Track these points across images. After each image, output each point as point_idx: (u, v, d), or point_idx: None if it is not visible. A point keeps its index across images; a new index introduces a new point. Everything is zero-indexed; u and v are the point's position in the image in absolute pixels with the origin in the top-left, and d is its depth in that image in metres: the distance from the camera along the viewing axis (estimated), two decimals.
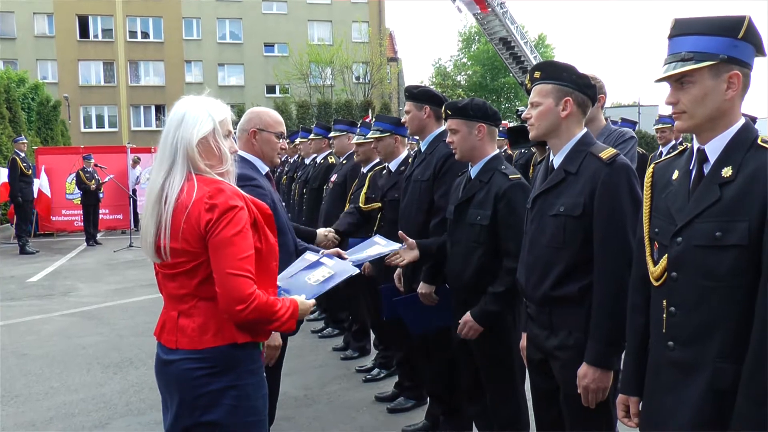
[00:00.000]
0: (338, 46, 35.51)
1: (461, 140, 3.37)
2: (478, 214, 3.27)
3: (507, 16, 31.19)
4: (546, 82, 2.72)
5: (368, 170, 5.19)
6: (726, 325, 1.85)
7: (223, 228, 2.14)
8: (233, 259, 2.14)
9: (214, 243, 2.15)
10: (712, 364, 1.86)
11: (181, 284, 2.25)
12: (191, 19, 40.60)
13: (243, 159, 3.24)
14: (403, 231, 4.02)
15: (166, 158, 2.24)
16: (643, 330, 2.15)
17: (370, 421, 4.60)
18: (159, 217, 2.21)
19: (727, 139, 1.92)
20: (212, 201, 2.16)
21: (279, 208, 3.23)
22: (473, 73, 45.54)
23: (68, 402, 5.10)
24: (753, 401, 1.76)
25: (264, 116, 3.35)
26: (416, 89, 4.06)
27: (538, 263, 2.69)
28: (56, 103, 24.88)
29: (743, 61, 1.89)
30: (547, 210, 2.68)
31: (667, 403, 1.99)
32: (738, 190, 1.83)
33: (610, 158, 2.57)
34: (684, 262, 1.93)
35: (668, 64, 1.95)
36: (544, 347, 2.71)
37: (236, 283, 2.13)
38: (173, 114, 2.29)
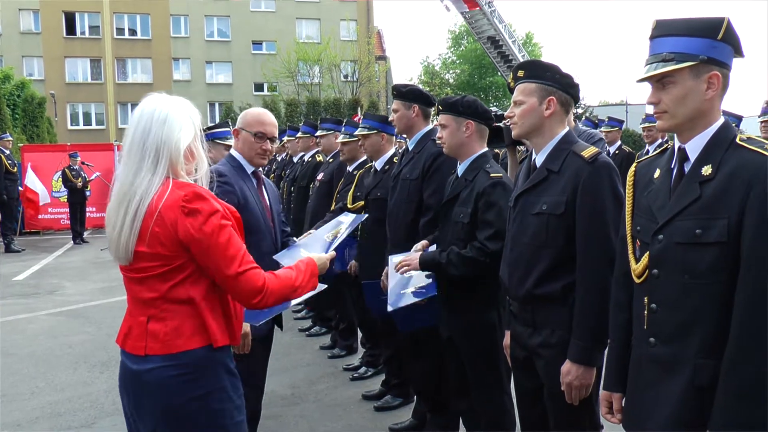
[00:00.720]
0: (326, 44, 35.46)
1: (449, 135, 3.40)
2: (461, 212, 3.30)
3: (495, 14, 31.24)
4: (530, 81, 2.74)
5: (354, 169, 5.20)
6: (706, 321, 1.88)
7: (216, 233, 2.09)
8: (234, 259, 2.12)
9: (210, 250, 2.10)
10: (693, 361, 1.89)
11: (151, 288, 2.15)
12: (179, 16, 40.41)
13: (231, 157, 3.35)
14: (391, 230, 4.04)
15: (141, 157, 2.12)
16: (626, 326, 2.18)
17: (357, 420, 4.61)
18: (125, 218, 2.10)
19: (707, 138, 1.95)
20: (192, 205, 2.09)
21: (251, 207, 3.22)
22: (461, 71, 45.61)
23: (54, 401, 5.08)
24: (732, 396, 1.79)
25: (247, 115, 3.36)
26: (405, 88, 4.07)
27: (521, 261, 2.71)
28: (41, 99, 24.69)
29: (722, 61, 1.92)
30: (529, 209, 2.70)
31: (649, 399, 2.02)
32: (717, 188, 1.86)
33: (591, 157, 2.60)
34: (665, 260, 1.96)
35: (650, 65, 1.98)
36: (528, 345, 2.73)
37: (246, 279, 2.14)
38: (153, 112, 2.16)
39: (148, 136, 2.13)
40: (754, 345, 1.78)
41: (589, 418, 2.64)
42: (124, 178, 2.14)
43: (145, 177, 2.10)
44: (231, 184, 3.17)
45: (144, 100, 2.21)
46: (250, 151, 3.31)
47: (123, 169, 2.16)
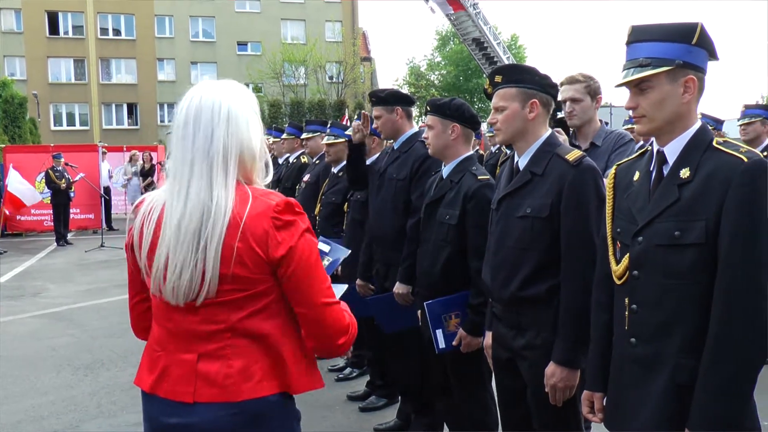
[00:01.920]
0: (312, 45, 35.44)
1: (435, 137, 3.41)
2: (447, 213, 3.32)
3: (480, 16, 31.35)
4: (509, 85, 2.74)
5: (339, 170, 5.22)
6: (686, 321, 1.92)
7: (311, 252, 1.76)
8: (322, 286, 1.79)
9: (304, 271, 1.74)
10: (673, 360, 1.93)
11: (214, 318, 1.73)
12: (164, 16, 40.20)
13: None
14: (377, 229, 4.04)
15: (208, 167, 1.72)
16: (607, 327, 2.21)
17: (341, 420, 4.63)
18: (206, 248, 1.68)
19: (684, 141, 1.99)
20: (286, 217, 1.72)
21: None
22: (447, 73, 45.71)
23: (38, 404, 5.05)
24: (710, 394, 1.83)
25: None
26: (383, 93, 4.09)
27: (505, 264, 2.72)
28: (23, 100, 24.46)
29: (698, 66, 1.97)
30: (513, 211, 2.71)
31: (631, 398, 2.05)
32: (695, 190, 1.90)
33: (576, 160, 2.62)
34: (645, 261, 1.99)
35: (627, 70, 2.02)
36: (512, 347, 2.74)
37: (334, 313, 1.79)
38: (212, 107, 1.77)
39: (212, 139, 1.74)
40: (732, 344, 1.81)
41: (573, 419, 2.66)
42: (186, 199, 1.72)
43: (220, 192, 1.70)
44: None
45: (191, 92, 1.82)
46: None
47: (180, 187, 1.73)
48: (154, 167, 17.64)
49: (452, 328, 3.25)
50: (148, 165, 17.64)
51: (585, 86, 3.61)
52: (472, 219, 3.23)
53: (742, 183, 1.82)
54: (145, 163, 17.67)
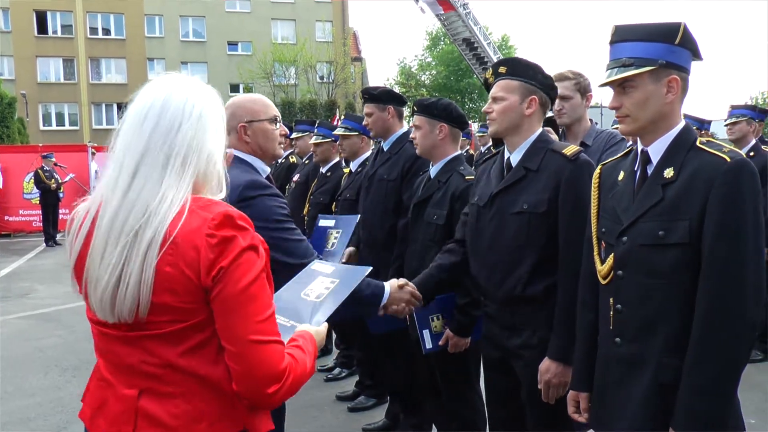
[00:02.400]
0: (302, 45, 35.40)
1: (422, 137, 3.40)
2: (435, 213, 3.32)
3: (470, 17, 31.40)
4: (512, 78, 2.72)
5: (327, 170, 5.22)
6: (669, 321, 1.93)
7: (240, 276, 1.45)
8: (255, 319, 1.47)
9: (228, 297, 1.45)
10: (657, 359, 1.94)
11: (151, 351, 1.49)
12: (153, 16, 40.06)
13: (239, 160, 2.64)
14: (368, 231, 4.03)
15: (163, 162, 1.49)
16: (592, 326, 2.22)
17: (330, 420, 4.62)
18: (135, 253, 1.44)
19: (668, 141, 2.00)
20: (224, 232, 1.45)
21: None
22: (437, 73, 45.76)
23: (24, 406, 5.02)
24: (694, 393, 1.84)
25: (248, 104, 2.69)
26: (376, 90, 4.08)
27: (501, 263, 2.68)
28: (12, 99, 24.34)
29: (681, 65, 1.98)
30: (508, 208, 2.67)
31: (615, 397, 2.06)
32: (679, 190, 1.91)
33: (573, 155, 2.61)
34: (629, 261, 2.00)
35: (610, 70, 2.03)
36: (505, 346, 2.72)
37: (265, 354, 1.46)
38: (183, 104, 1.55)
39: (176, 134, 1.52)
40: (716, 344, 1.83)
41: (567, 419, 2.66)
42: (127, 191, 1.48)
43: (168, 192, 1.47)
44: (281, 196, 2.58)
45: (156, 86, 1.59)
46: (271, 142, 2.68)
47: (121, 178, 1.49)
48: None
49: (439, 328, 3.24)
50: None
51: (574, 83, 3.53)
52: (459, 219, 3.23)
53: (725, 182, 1.83)
54: None
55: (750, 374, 5.33)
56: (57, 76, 39.35)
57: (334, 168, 5.23)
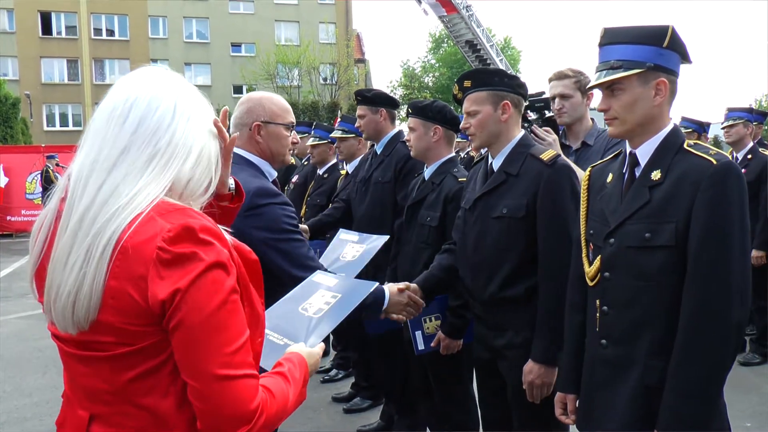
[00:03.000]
0: (305, 47, 35.43)
1: (417, 139, 3.41)
2: (428, 215, 3.32)
3: (473, 18, 31.41)
4: (479, 89, 2.75)
5: (324, 172, 5.23)
6: (656, 323, 1.93)
7: (203, 300, 1.24)
8: (223, 351, 1.26)
9: (188, 328, 1.24)
10: (643, 361, 1.94)
11: (100, 374, 1.32)
12: (157, 17, 40.14)
13: (246, 161, 2.54)
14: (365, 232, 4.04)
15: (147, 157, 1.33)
16: (579, 328, 2.22)
17: (326, 422, 4.63)
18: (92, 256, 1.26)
19: (656, 144, 2.00)
20: (178, 248, 1.24)
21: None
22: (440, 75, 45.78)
23: (21, 406, 5.03)
24: (679, 395, 1.84)
25: (267, 104, 2.59)
26: (369, 93, 4.10)
27: (484, 265, 2.73)
28: (16, 100, 24.42)
29: (669, 68, 1.98)
30: (489, 212, 2.72)
31: (602, 399, 2.06)
32: (666, 192, 1.91)
33: (551, 159, 2.64)
34: (616, 263, 2.01)
35: (599, 72, 2.04)
36: (492, 346, 2.76)
37: (233, 392, 1.26)
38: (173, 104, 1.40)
39: (164, 134, 1.36)
40: (700, 346, 1.83)
41: (552, 419, 2.67)
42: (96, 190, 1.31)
43: (141, 192, 1.30)
44: (290, 204, 2.51)
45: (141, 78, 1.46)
46: (282, 148, 2.61)
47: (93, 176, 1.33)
48: None
49: (432, 330, 3.25)
50: None
51: (575, 81, 3.47)
52: (452, 221, 3.23)
53: (711, 185, 1.83)
54: None
55: (747, 377, 5.34)
56: (61, 76, 39.44)
57: (331, 170, 5.24)
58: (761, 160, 5.61)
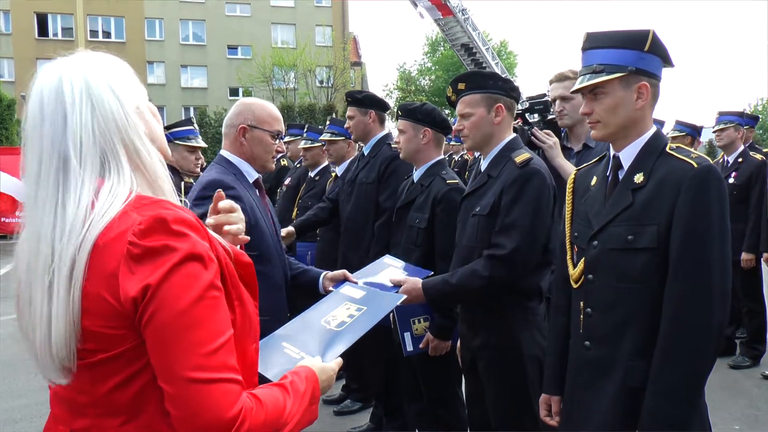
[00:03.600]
0: (302, 49, 35.44)
1: (406, 141, 3.43)
2: (417, 217, 3.35)
3: (469, 22, 31.44)
4: (473, 92, 2.80)
5: (315, 174, 5.24)
6: (638, 324, 1.95)
7: (176, 296, 1.16)
8: (199, 351, 1.17)
9: (160, 325, 1.16)
10: (625, 363, 1.96)
11: (81, 385, 1.24)
12: (154, 19, 40.13)
13: (226, 161, 2.65)
14: (350, 234, 4.06)
15: (58, 164, 1.21)
16: (564, 330, 2.24)
17: (316, 424, 4.59)
18: (51, 294, 1.19)
19: (639, 147, 2.03)
20: (149, 242, 1.16)
21: (262, 227, 2.52)
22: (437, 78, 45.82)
23: (11, 407, 5.02)
24: (660, 396, 1.85)
25: (257, 110, 2.68)
26: (360, 94, 4.13)
27: (461, 262, 2.81)
28: (11, 102, 24.37)
29: (651, 72, 2.01)
30: (469, 211, 2.82)
31: (585, 400, 2.08)
32: (648, 195, 1.94)
33: (523, 162, 2.70)
34: (599, 265, 2.03)
35: (582, 76, 2.06)
36: (471, 347, 2.82)
37: (209, 397, 1.16)
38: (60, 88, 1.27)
39: (65, 129, 1.23)
40: (681, 347, 1.84)
41: (528, 418, 2.70)
42: (32, 217, 1.23)
43: (76, 200, 1.19)
44: (241, 198, 2.42)
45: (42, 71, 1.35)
46: (264, 153, 2.67)
47: (28, 203, 1.24)
48: None
49: (420, 331, 3.26)
50: None
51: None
52: (441, 222, 3.26)
53: (692, 187, 1.86)
54: None
55: (737, 380, 5.36)
56: None
57: (323, 172, 5.26)
58: (751, 164, 5.65)
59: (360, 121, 4.04)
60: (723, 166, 5.86)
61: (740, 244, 5.54)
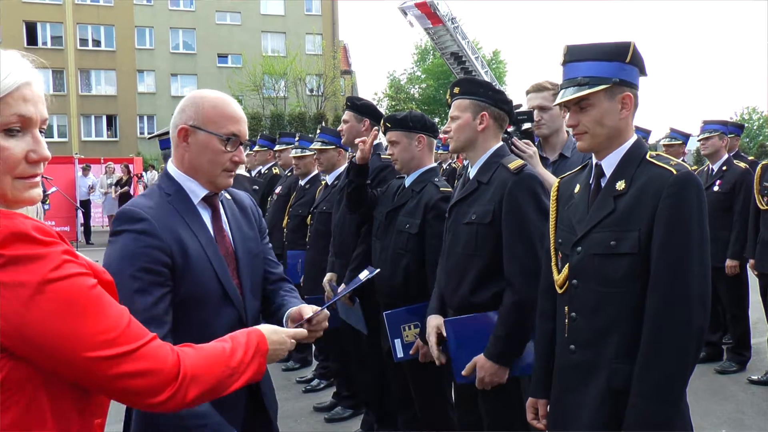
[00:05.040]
0: (292, 58, 35.50)
1: (402, 150, 3.45)
2: (407, 222, 3.38)
3: (458, 31, 31.57)
4: (464, 97, 2.88)
5: (306, 183, 5.28)
6: (621, 328, 2.00)
7: (44, 312, 1.12)
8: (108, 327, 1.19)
9: (53, 316, 1.13)
10: (609, 366, 2.00)
11: None
12: (144, 28, 40.09)
13: (166, 178, 2.02)
14: (337, 242, 4.10)
15: None
16: (550, 335, 2.28)
17: (307, 431, 4.65)
18: None
19: (621, 155, 2.08)
20: (11, 251, 1.11)
21: (194, 263, 1.88)
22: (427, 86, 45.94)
23: None
24: (644, 398, 1.90)
25: (204, 104, 1.99)
26: (360, 101, 4.16)
27: (455, 270, 2.83)
28: None
29: (632, 82, 2.07)
30: (461, 218, 2.83)
31: (570, 403, 2.12)
32: (629, 201, 1.99)
33: (517, 168, 2.74)
34: (583, 270, 2.07)
35: (566, 89, 2.11)
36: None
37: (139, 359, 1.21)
38: None
39: None
40: (663, 350, 1.89)
41: (520, 421, 2.73)
42: None
43: None
44: (153, 235, 1.82)
45: None
46: (209, 165, 1.97)
47: None
48: (131, 178, 17.57)
49: (410, 337, 3.29)
50: (125, 176, 17.54)
51: (553, 94, 3.46)
52: (432, 229, 3.29)
53: (671, 194, 1.91)
54: (123, 175, 17.57)
55: (724, 385, 5.43)
56: (46, 87, 38.20)
57: (313, 180, 5.29)
58: (736, 172, 5.72)
59: (353, 127, 4.08)
60: (708, 174, 5.93)
61: (725, 252, 5.61)
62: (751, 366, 5.79)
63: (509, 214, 2.69)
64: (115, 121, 39.54)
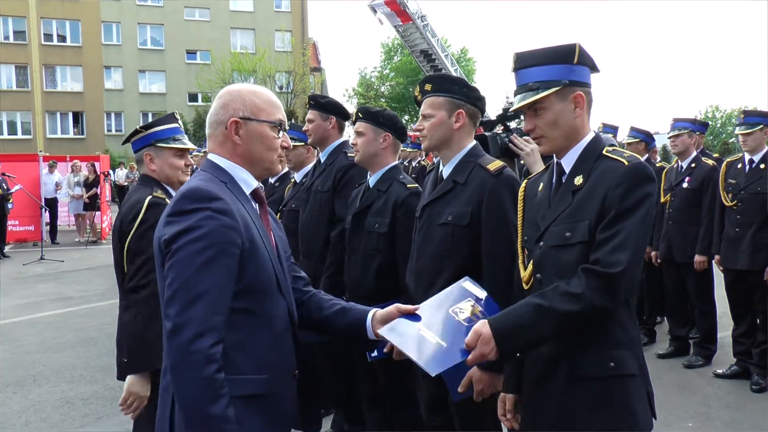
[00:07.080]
0: (261, 55, 35.31)
1: (365, 143, 3.42)
2: (376, 222, 3.35)
3: (428, 29, 31.66)
4: (437, 94, 2.82)
5: (275, 181, 5.22)
6: None
7: None
8: None
9: None
10: (572, 354, 2.04)
11: None
12: (111, 23, 39.57)
13: (215, 167, 2.01)
14: (305, 242, 4.05)
15: None
16: None
17: None
18: None
19: (578, 152, 2.14)
20: None
21: (261, 252, 1.92)
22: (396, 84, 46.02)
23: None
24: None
25: (249, 97, 2.04)
26: (323, 99, 4.12)
27: (426, 271, 2.79)
28: None
29: (582, 81, 2.13)
30: (435, 219, 2.78)
31: (538, 394, 2.16)
32: (584, 194, 2.05)
33: (497, 170, 2.71)
34: (544, 263, 2.12)
35: (519, 95, 2.16)
36: None
37: None
38: None
39: None
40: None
41: (492, 421, 2.72)
42: None
43: None
44: (228, 213, 1.83)
45: None
46: (266, 151, 2.04)
47: None
48: (98, 178, 17.23)
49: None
50: (92, 176, 17.19)
51: None
52: (402, 227, 3.26)
53: (621, 183, 1.96)
54: (89, 174, 17.22)
55: (690, 378, 5.51)
56: (9, 83, 38.46)
57: (282, 178, 5.23)
58: (704, 169, 5.80)
59: (320, 126, 4.04)
60: (677, 171, 6.02)
61: (694, 247, 5.70)
62: (716, 360, 5.90)
63: (490, 216, 2.66)
64: (81, 118, 38.94)
